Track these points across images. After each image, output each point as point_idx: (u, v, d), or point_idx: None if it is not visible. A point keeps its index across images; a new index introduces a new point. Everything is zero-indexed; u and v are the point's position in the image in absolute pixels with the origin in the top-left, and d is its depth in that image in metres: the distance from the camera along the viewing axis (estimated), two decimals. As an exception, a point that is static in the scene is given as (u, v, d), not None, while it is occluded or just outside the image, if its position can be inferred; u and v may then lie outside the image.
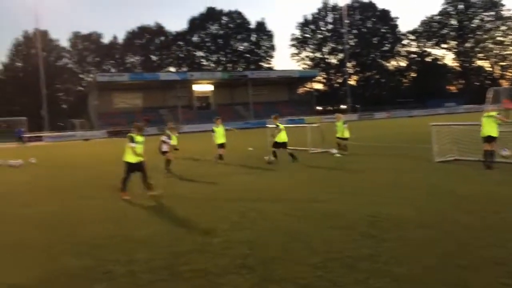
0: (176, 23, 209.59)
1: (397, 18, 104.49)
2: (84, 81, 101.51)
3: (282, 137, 15.97)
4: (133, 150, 9.93)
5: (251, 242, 6.10)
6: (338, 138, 17.88)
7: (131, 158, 10.01)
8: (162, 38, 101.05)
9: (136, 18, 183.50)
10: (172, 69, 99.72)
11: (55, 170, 18.05)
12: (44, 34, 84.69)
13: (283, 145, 15.98)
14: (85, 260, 5.68)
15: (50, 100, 68.42)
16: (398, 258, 5.11)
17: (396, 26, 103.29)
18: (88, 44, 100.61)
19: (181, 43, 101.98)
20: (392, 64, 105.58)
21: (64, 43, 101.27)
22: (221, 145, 17.13)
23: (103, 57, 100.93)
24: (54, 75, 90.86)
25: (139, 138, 10.10)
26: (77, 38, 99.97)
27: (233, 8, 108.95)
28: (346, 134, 17.84)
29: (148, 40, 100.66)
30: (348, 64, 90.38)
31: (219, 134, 17.12)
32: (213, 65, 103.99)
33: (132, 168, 10.05)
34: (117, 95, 69.45)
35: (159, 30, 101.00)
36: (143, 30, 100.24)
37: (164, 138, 15.19)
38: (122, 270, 5.25)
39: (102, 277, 5.06)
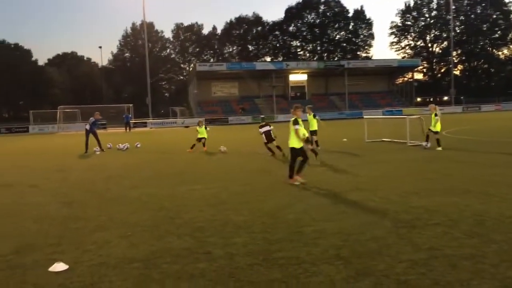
0: (273, 13, 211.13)
1: (511, 3, 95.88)
2: (185, 70, 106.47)
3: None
4: (298, 133, 9.86)
5: (345, 233, 6.06)
6: (429, 130, 16.96)
7: (295, 143, 9.99)
8: (259, 28, 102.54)
9: (235, 9, 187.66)
10: (268, 58, 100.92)
11: (158, 154, 19.17)
12: (150, 25, 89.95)
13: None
14: (186, 240, 6.03)
15: (154, 89, 72.69)
16: (509, 261, 4.77)
17: (510, 11, 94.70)
18: (189, 35, 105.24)
19: (277, 33, 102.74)
20: (504, 53, 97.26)
21: (168, 34, 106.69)
22: (314, 132, 17.36)
23: (202, 47, 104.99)
24: (158, 64, 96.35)
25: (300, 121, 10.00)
26: (179, 29, 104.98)
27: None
28: (438, 128, 16.70)
29: (245, 30, 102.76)
30: (453, 53, 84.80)
31: (312, 122, 17.56)
32: (309, 54, 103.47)
33: (296, 153, 10.02)
34: (215, 84, 71.87)
35: (257, 20, 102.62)
36: (240, 21, 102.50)
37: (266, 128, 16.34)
38: (221, 252, 5.50)
39: (202, 257, 5.34)
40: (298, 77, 73.93)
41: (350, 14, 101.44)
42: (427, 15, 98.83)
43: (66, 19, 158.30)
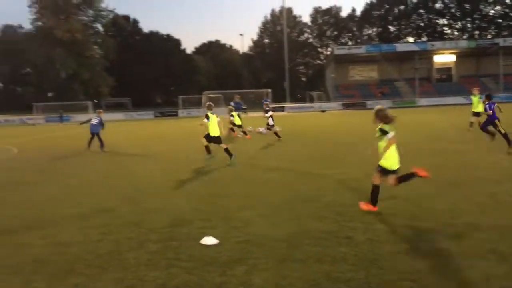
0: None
1: None
2: (322, 54, 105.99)
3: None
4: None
5: (503, 227, 5.51)
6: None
7: None
8: (402, 7, 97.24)
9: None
10: (410, 39, 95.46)
11: (295, 139, 19.44)
12: (289, 11, 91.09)
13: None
14: (328, 224, 6.04)
15: (291, 73, 73.73)
16: None
17: None
18: (327, 19, 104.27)
19: (421, 11, 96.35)
20: None
21: (306, 18, 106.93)
22: (477, 114, 17.89)
23: (340, 30, 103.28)
24: (295, 49, 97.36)
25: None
26: (317, 13, 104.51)
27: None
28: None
29: (386, 10, 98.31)
30: None
31: (475, 102, 18.44)
32: (457, 33, 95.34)
33: None
34: (353, 68, 70.27)
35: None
36: (381, 1, 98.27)
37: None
38: (362, 237, 5.41)
39: (343, 241, 5.31)
40: (444, 58, 68.58)
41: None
42: None
43: (212, 9, 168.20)
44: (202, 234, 5.73)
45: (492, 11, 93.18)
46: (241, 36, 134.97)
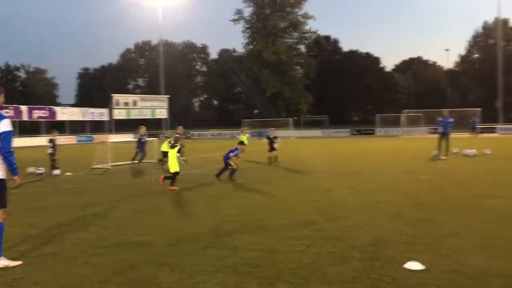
0: None
1: None
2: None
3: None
4: None
5: None
6: None
7: None
8: None
9: None
10: None
11: (509, 163, 17.27)
12: (504, 22, 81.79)
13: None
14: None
15: (505, 91, 65.87)
16: None
17: None
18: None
19: None
20: None
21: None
22: None
23: None
24: (511, 65, 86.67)
25: None
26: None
27: None
28: None
29: None
30: None
31: None
32: None
33: None
34: None
35: None
36: None
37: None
38: None
39: None
40: None
41: None
42: None
43: (414, 25, 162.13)
44: (405, 258, 5.46)
45: None
46: (446, 51, 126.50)
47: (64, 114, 55.85)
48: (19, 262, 5.64)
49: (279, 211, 8.84)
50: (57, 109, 57.16)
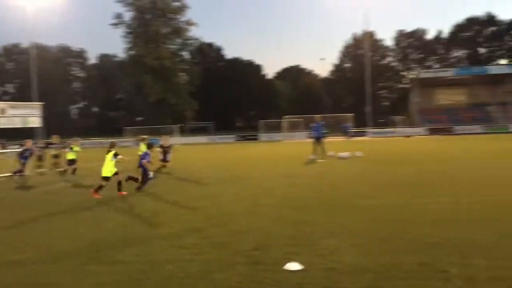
0: (510, 11, 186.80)
1: None
2: (405, 78, 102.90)
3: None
4: None
5: None
6: None
7: None
8: (493, 28, 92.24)
9: (464, 10, 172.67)
10: (503, 61, 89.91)
11: (380, 164, 18.92)
12: (371, 35, 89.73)
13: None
14: (419, 257, 5.79)
15: (373, 98, 72.18)
16: None
17: None
18: (411, 41, 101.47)
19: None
20: None
21: (388, 42, 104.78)
22: None
23: (426, 53, 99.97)
24: (378, 74, 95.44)
25: None
26: (401, 36, 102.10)
27: None
28: None
29: (476, 32, 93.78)
30: None
31: None
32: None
33: None
34: (439, 92, 67.49)
35: (490, 20, 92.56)
36: (470, 22, 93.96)
37: None
38: (458, 272, 5.12)
39: (436, 276, 5.07)
40: (541, 81, 63.71)
41: None
42: None
43: (293, 35, 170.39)
44: (286, 259, 5.77)
45: None
46: (322, 60, 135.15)
47: None
48: None
49: (166, 220, 8.73)
50: None
